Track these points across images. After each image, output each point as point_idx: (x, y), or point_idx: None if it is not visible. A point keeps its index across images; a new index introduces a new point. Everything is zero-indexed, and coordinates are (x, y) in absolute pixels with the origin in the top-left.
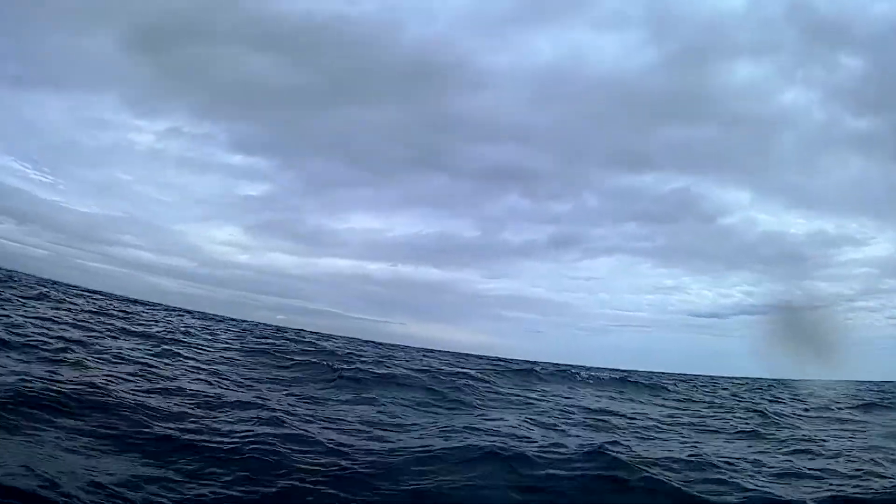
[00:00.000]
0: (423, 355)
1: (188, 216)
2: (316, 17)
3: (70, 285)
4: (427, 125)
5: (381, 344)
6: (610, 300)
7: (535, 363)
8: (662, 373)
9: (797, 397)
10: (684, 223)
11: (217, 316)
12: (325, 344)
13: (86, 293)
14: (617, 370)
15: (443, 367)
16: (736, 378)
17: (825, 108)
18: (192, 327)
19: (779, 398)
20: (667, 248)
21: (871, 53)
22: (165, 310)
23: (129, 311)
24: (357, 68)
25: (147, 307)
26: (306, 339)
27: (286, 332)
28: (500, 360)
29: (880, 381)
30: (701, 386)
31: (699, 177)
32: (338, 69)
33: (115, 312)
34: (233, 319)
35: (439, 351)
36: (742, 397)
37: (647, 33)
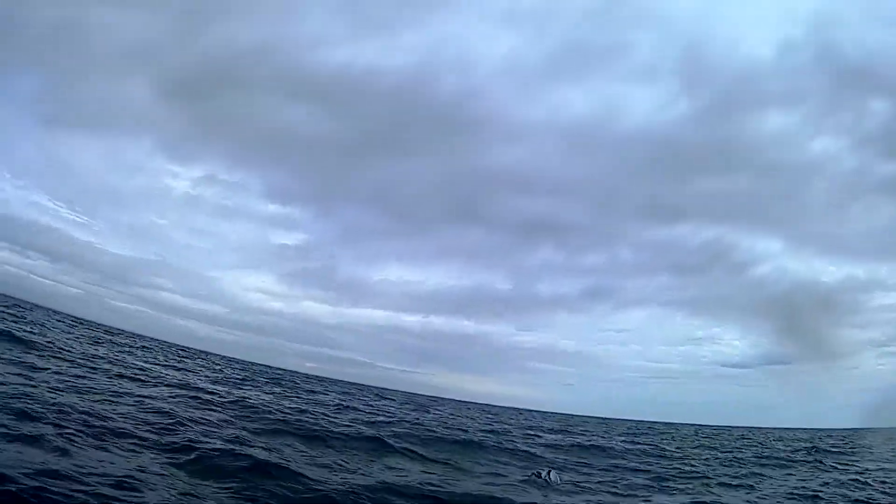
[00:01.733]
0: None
1: (221, 263)
2: (352, 67)
3: (102, 325)
4: (462, 177)
5: (406, 394)
6: (641, 352)
7: (568, 416)
8: (690, 424)
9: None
10: (716, 273)
11: (245, 362)
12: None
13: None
14: (645, 422)
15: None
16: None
17: (855, 154)
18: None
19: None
20: (698, 298)
21: None
22: (190, 355)
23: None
24: (393, 120)
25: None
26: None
27: (283, 379)
28: (531, 412)
29: None
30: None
31: (731, 227)
32: (373, 120)
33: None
34: (261, 366)
35: (466, 402)
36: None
37: (679, 85)
